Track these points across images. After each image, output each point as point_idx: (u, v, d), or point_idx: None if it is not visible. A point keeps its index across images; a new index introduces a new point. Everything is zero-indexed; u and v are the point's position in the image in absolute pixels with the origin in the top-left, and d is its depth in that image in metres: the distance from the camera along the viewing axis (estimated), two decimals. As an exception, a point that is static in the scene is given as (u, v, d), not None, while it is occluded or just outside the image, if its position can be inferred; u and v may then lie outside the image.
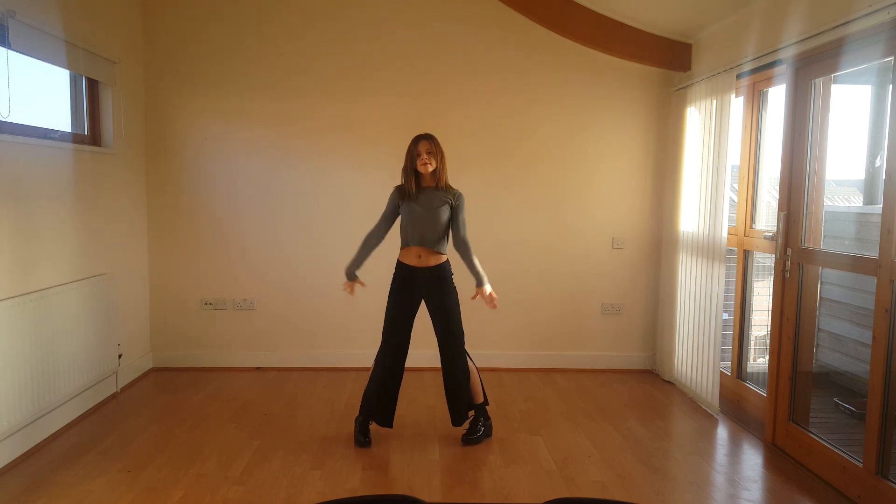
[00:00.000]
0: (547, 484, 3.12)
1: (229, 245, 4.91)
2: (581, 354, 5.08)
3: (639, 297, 5.07)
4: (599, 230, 5.01)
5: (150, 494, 2.95)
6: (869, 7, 2.74)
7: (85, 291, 3.88)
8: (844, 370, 4.46)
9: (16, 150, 3.35)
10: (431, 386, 4.57)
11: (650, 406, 4.27)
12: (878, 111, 4.18)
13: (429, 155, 3.42)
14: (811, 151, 3.37)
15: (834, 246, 4.19)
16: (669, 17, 4.40)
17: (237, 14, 4.76)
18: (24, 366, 3.33)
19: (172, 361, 4.95)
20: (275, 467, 3.25)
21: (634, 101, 4.92)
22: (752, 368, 4.39)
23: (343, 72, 4.81)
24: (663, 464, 3.37)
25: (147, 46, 4.76)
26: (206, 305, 4.94)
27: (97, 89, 4.26)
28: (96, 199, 4.11)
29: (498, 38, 4.83)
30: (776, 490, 3.13)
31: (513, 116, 4.90)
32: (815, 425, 3.51)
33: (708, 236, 4.15)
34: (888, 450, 2.82)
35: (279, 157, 4.85)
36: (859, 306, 4.28)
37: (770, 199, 4.32)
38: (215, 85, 4.79)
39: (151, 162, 4.83)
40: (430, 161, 3.42)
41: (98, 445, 3.48)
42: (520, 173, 4.94)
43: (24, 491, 2.97)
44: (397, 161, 4.87)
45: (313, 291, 4.92)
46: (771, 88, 3.95)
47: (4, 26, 3.16)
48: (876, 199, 4.42)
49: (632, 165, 4.98)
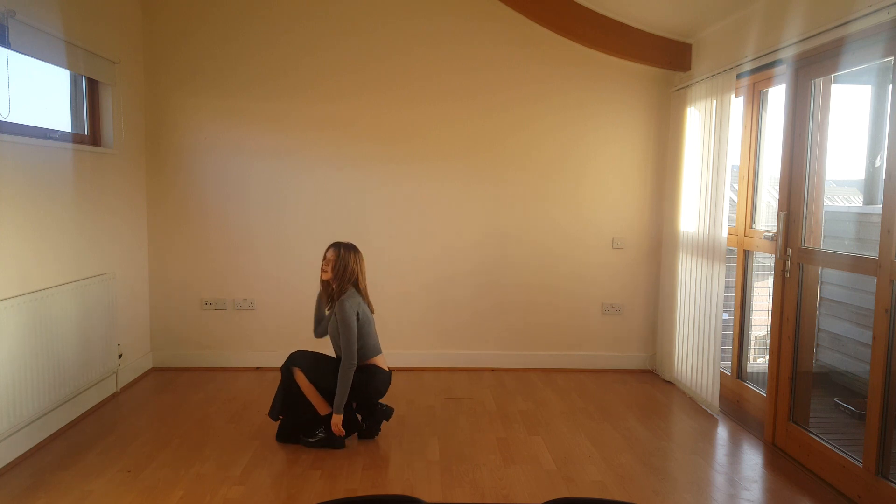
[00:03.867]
0: (547, 484, 3.12)
1: (229, 245, 4.91)
2: (581, 354, 5.08)
3: (639, 297, 5.07)
4: (599, 230, 5.01)
5: (150, 494, 2.95)
6: (869, 7, 2.74)
7: (85, 291, 3.88)
8: (844, 370, 4.46)
9: (16, 150, 3.35)
10: (431, 386, 4.57)
11: (650, 406, 4.28)
12: (878, 111, 4.18)
13: (328, 263, 3.47)
14: (811, 151, 3.37)
15: (834, 246, 4.19)
16: (669, 17, 4.40)
17: (237, 14, 4.76)
18: (24, 366, 3.33)
19: (172, 361, 4.95)
20: (275, 467, 3.25)
21: (634, 101, 4.92)
22: (752, 368, 4.39)
23: (343, 69, 4.81)
24: (663, 464, 3.37)
25: (147, 46, 4.76)
26: (207, 305, 4.94)
27: (97, 89, 4.26)
28: (96, 199, 4.11)
29: (498, 37, 4.83)
30: (776, 490, 3.13)
31: (512, 116, 4.90)
32: (815, 425, 3.51)
33: (708, 236, 4.15)
34: (888, 450, 2.82)
35: (280, 156, 4.85)
36: (859, 306, 4.28)
37: (770, 199, 4.32)
38: (215, 84, 4.80)
39: (151, 162, 4.83)
40: (328, 269, 3.47)
41: (98, 445, 3.48)
42: (519, 173, 4.94)
43: (25, 491, 2.97)
44: (397, 160, 4.92)
45: (313, 291, 4.90)
46: (771, 88, 3.95)
47: (4, 26, 3.16)
48: (876, 199, 4.42)
49: (632, 165, 4.98)
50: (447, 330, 5.03)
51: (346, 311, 3.38)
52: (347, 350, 3.38)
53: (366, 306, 3.51)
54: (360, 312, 3.44)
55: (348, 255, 3.48)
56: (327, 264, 3.47)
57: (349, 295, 3.44)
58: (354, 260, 3.50)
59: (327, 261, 3.48)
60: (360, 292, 3.51)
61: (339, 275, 3.45)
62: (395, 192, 4.89)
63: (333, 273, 3.46)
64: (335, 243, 3.54)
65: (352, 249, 3.52)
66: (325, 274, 3.48)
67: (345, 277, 3.46)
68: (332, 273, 3.46)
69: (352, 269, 3.47)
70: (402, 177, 4.89)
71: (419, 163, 4.88)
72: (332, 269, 3.45)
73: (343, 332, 3.38)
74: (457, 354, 5.04)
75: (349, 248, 3.51)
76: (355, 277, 3.49)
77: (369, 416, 3.60)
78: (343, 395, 3.38)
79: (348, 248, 3.51)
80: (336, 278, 3.46)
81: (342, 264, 3.45)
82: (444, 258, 4.97)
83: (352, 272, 3.47)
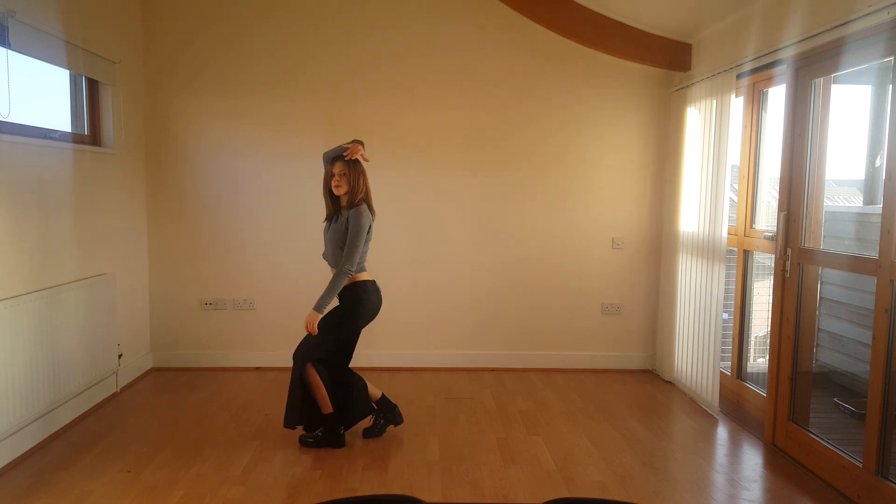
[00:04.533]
0: (547, 484, 3.12)
1: (229, 245, 4.91)
2: (581, 354, 5.08)
3: (639, 297, 5.07)
4: (599, 230, 5.01)
5: (150, 494, 2.95)
6: (869, 7, 2.74)
7: (85, 291, 3.88)
8: (844, 370, 4.46)
9: (16, 151, 3.35)
10: (431, 386, 4.57)
11: (650, 406, 4.28)
12: (878, 111, 4.18)
13: (341, 177, 3.40)
14: (811, 151, 3.37)
15: (834, 246, 4.19)
16: (670, 18, 4.40)
17: (237, 14, 4.76)
18: (25, 365, 3.34)
19: (172, 361, 4.95)
20: (275, 467, 3.25)
21: (634, 101, 4.92)
22: (751, 368, 4.39)
23: (343, 72, 4.81)
24: (663, 464, 3.37)
25: (147, 46, 4.76)
26: (206, 305, 4.94)
27: (97, 89, 4.26)
28: (96, 199, 4.11)
29: (497, 37, 4.83)
30: (776, 490, 3.13)
31: (512, 116, 4.90)
32: (814, 425, 3.51)
33: (708, 236, 4.15)
34: (888, 450, 2.82)
35: (279, 157, 4.85)
36: (859, 306, 4.28)
37: (770, 199, 4.32)
38: (215, 85, 4.80)
39: (151, 162, 4.83)
40: (342, 183, 3.40)
41: (98, 445, 3.48)
42: (520, 173, 4.94)
43: (25, 490, 2.97)
44: (397, 160, 4.92)
45: (313, 291, 4.88)
46: (771, 88, 3.95)
47: (4, 26, 3.16)
48: (876, 199, 4.42)
49: (632, 165, 4.98)
50: (447, 330, 5.03)
51: (362, 215, 3.35)
52: (350, 255, 3.34)
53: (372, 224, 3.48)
54: (371, 226, 3.42)
55: (358, 167, 3.42)
56: (340, 178, 3.38)
57: (364, 208, 3.41)
58: (363, 172, 3.44)
59: (339, 175, 3.39)
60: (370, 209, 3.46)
61: (352, 188, 3.40)
62: (395, 192, 4.89)
63: (349, 186, 3.39)
64: (336, 156, 3.42)
65: (357, 162, 3.44)
66: (339, 188, 3.40)
67: (356, 190, 3.41)
68: (348, 186, 3.39)
69: (362, 182, 3.41)
70: (401, 177, 4.88)
71: (419, 163, 4.88)
72: (347, 182, 3.38)
73: (351, 238, 3.34)
74: (457, 354, 5.04)
75: (354, 161, 3.42)
76: (364, 191, 3.44)
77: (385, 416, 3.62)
78: (329, 296, 3.34)
79: (354, 161, 3.42)
80: (349, 192, 3.40)
81: (354, 176, 3.40)
82: (443, 258, 4.97)
83: (362, 185, 3.42)
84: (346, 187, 3.40)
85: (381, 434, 3.65)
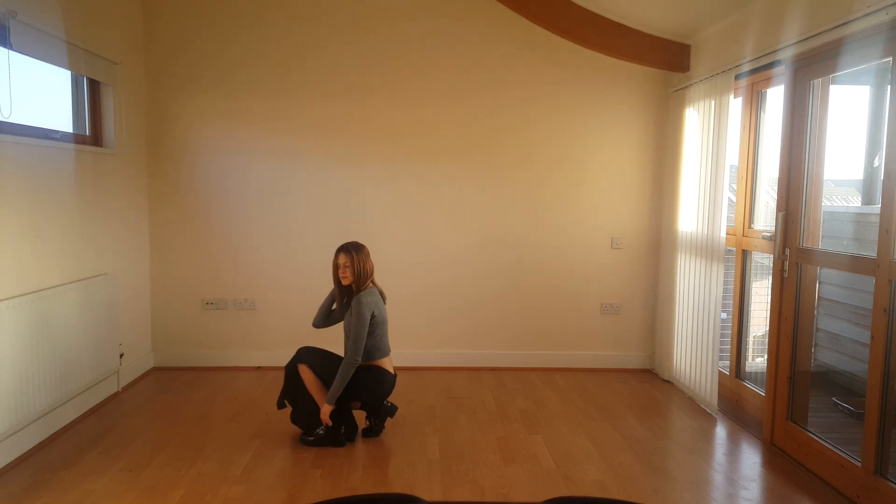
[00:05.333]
0: (547, 483, 3.13)
1: (230, 244, 4.92)
2: (581, 354, 5.10)
3: (638, 296, 5.08)
4: (598, 230, 5.02)
5: (151, 494, 2.96)
6: (868, 7, 2.75)
7: (86, 291, 3.89)
8: (843, 370, 4.48)
9: (17, 151, 3.36)
10: (431, 386, 4.58)
11: (649, 405, 4.29)
12: (877, 112, 4.19)
13: (345, 268, 3.55)
14: (809, 152, 3.38)
15: (832, 246, 4.20)
16: (668, 18, 4.41)
17: (238, 14, 4.77)
18: (26, 365, 3.34)
19: (173, 361, 4.96)
20: (275, 466, 3.26)
21: (633, 101, 4.93)
22: (750, 368, 4.41)
23: (344, 69, 4.82)
24: (662, 463, 3.38)
25: (148, 47, 4.77)
26: (207, 305, 4.95)
27: (98, 90, 4.27)
28: (97, 200, 4.12)
29: (496, 37, 4.84)
30: (775, 489, 3.14)
31: (510, 116, 4.91)
32: (813, 424, 3.53)
33: (706, 236, 4.16)
34: (886, 449, 2.83)
35: (280, 157, 4.86)
36: (857, 306, 4.30)
37: (768, 200, 4.34)
38: (216, 85, 4.81)
39: (152, 162, 4.84)
40: (347, 274, 3.55)
41: (99, 445, 3.49)
42: (519, 174, 4.95)
43: (26, 490, 2.98)
44: (397, 161, 4.93)
45: (314, 291, 4.91)
46: (769, 89, 3.96)
47: (6, 27, 3.17)
48: (874, 200, 4.43)
49: (631, 166, 4.99)
50: (447, 329, 5.04)
51: (362, 305, 3.48)
52: (355, 345, 3.45)
53: (383, 306, 3.61)
54: (375, 312, 3.52)
55: (360, 255, 3.58)
56: (345, 269, 3.55)
57: (369, 292, 3.55)
58: (366, 257, 3.60)
59: (343, 266, 3.55)
60: (376, 287, 3.63)
61: (357, 276, 3.55)
62: (396, 192, 4.90)
63: (354, 277, 3.55)
64: (342, 247, 3.61)
65: (360, 248, 3.61)
66: (346, 279, 3.56)
67: (363, 277, 3.56)
68: (353, 277, 3.55)
69: (367, 267, 3.59)
70: (401, 178, 4.90)
71: (419, 164, 4.89)
72: (352, 272, 3.54)
73: (355, 327, 3.46)
74: (457, 354, 5.05)
75: (357, 248, 3.60)
76: (371, 274, 3.61)
77: (375, 415, 3.64)
78: (339, 388, 3.43)
79: (357, 249, 3.59)
80: (356, 281, 3.55)
81: (358, 265, 3.55)
82: (444, 258, 4.98)
83: (368, 270, 3.59)
84: (351, 276, 3.55)
85: (381, 433, 3.66)
